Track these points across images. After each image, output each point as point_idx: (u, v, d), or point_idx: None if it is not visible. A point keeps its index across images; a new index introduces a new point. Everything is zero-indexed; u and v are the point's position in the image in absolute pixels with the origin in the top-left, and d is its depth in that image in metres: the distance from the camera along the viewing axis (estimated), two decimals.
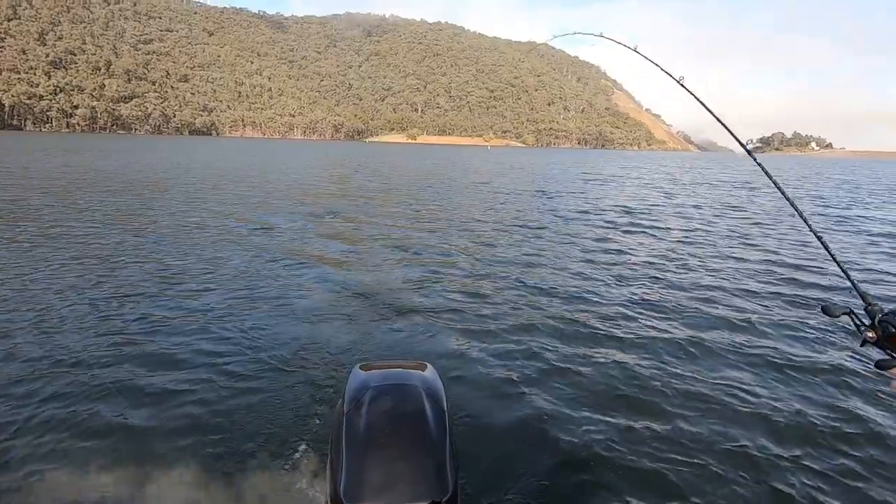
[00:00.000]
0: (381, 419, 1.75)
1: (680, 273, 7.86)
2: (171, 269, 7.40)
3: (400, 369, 2.16)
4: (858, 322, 0.90)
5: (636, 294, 6.88)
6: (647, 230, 12.16)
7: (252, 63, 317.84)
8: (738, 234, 11.80)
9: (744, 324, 5.75)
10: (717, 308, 6.18)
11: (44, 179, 18.52)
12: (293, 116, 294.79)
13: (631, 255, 9.35)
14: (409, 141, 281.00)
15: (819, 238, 0.98)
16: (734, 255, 9.34)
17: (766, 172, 1.04)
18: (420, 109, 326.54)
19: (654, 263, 8.64)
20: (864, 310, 0.89)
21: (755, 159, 1.00)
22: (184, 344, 4.74)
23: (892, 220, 15.28)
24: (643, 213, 15.06)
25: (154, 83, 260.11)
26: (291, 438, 3.19)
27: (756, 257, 9.28)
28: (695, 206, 17.63)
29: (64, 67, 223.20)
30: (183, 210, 12.78)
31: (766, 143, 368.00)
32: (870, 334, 0.85)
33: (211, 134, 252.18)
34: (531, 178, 29.44)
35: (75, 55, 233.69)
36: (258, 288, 6.62)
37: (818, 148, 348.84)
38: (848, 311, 0.87)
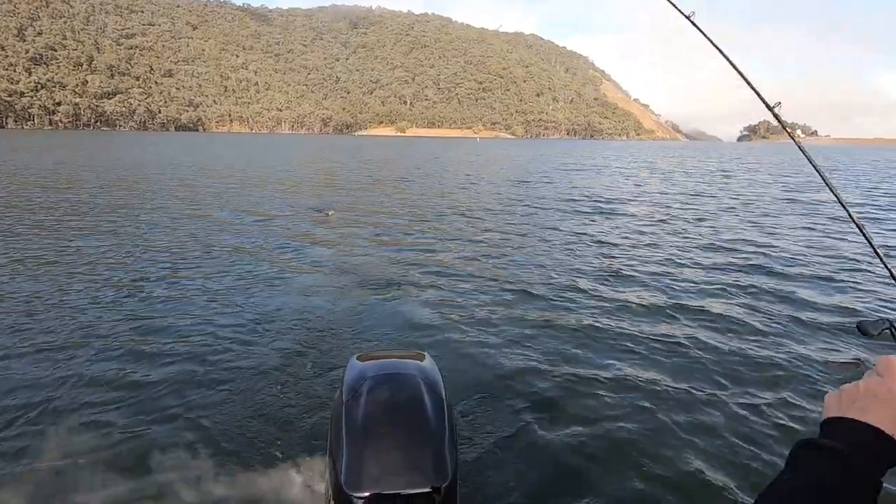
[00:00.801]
0: (380, 408, 1.78)
1: (669, 266, 7.84)
2: (164, 266, 7.43)
3: (397, 359, 2.19)
4: None
5: (624, 281, 7.00)
6: (613, 216, 12.80)
7: (237, 57, 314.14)
8: (692, 219, 12.50)
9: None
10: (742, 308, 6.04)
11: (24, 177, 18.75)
12: (280, 111, 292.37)
13: (610, 241, 9.79)
14: (399, 134, 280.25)
15: (860, 228, 0.87)
16: (692, 236, 10.00)
17: (809, 159, 0.98)
18: (409, 102, 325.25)
19: (638, 249, 9.04)
20: None
21: (802, 150, 1.07)
22: (180, 339, 4.76)
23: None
24: (618, 202, 15.70)
25: (138, 78, 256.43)
26: (291, 430, 3.23)
27: (698, 240, 9.95)
28: (660, 193, 18.36)
29: (45, 63, 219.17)
30: (176, 207, 12.99)
31: (752, 131, 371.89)
32: None
33: (197, 129, 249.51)
34: (515, 170, 30.05)
35: (56, 51, 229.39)
36: (251, 283, 6.63)
37: (804, 135, 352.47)
38: (889, 325, 0.72)
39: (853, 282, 7.06)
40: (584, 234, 10.47)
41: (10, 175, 19.69)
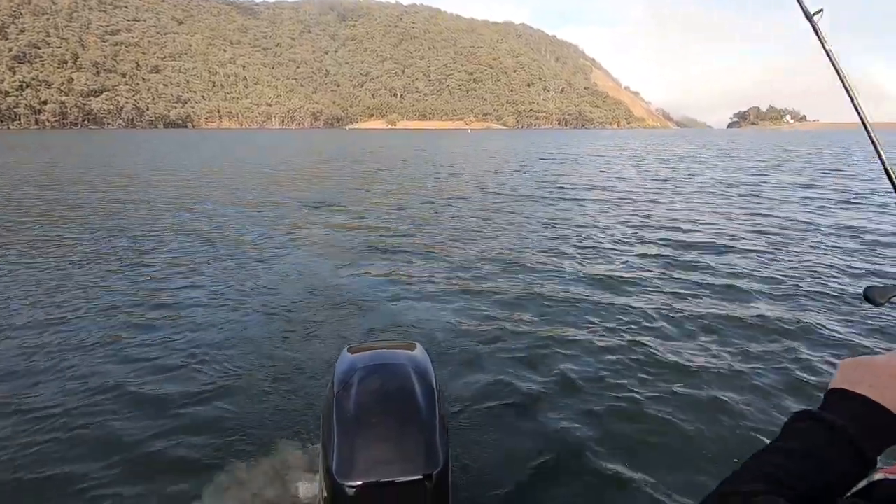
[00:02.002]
0: (371, 398, 1.80)
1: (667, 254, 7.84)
2: (154, 259, 7.55)
3: (388, 350, 2.22)
4: None
5: (608, 265, 7.17)
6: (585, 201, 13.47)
7: (225, 52, 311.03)
8: (646, 201, 13.17)
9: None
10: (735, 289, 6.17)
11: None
12: (270, 105, 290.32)
13: (601, 225, 10.16)
14: (390, 127, 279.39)
15: None
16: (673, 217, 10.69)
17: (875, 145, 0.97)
18: (399, 94, 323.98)
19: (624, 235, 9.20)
20: None
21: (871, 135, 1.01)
22: (170, 334, 4.83)
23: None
24: (609, 189, 16.35)
25: (124, 75, 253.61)
26: (283, 424, 3.27)
27: (645, 220, 10.70)
28: (622, 179, 19.07)
29: (29, 62, 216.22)
30: (163, 201, 13.30)
31: (741, 117, 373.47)
32: None
33: (187, 126, 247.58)
34: (494, 161, 30.68)
35: (39, 49, 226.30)
36: (239, 279, 6.65)
37: (793, 121, 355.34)
38: None
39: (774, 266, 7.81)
40: (561, 218, 11.01)
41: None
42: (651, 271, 6.88)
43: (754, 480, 0.55)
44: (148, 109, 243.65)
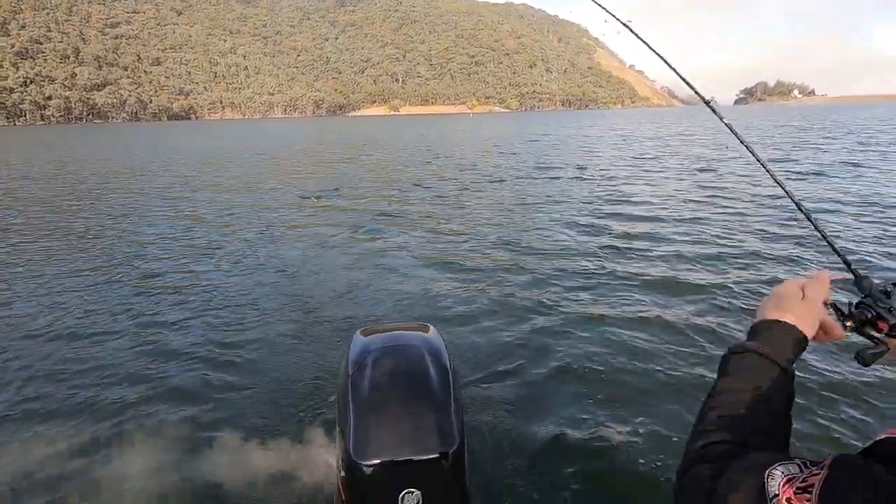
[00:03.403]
0: (385, 379, 1.81)
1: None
2: (169, 246, 7.70)
3: (401, 332, 2.21)
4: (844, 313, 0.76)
5: (612, 246, 7.24)
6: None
7: (225, 41, 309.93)
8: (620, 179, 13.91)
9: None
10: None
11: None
12: (272, 95, 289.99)
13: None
14: (392, 113, 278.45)
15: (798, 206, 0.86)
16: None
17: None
18: (401, 80, 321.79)
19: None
20: (855, 284, 0.77)
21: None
22: (186, 319, 4.89)
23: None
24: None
25: (126, 68, 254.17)
26: (299, 407, 3.30)
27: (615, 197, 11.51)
28: (597, 158, 19.82)
29: (31, 57, 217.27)
30: (178, 195, 13.69)
31: (749, 93, 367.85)
32: (849, 323, 0.73)
33: (190, 118, 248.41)
34: (488, 143, 31.41)
35: (41, 44, 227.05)
36: (255, 263, 6.72)
37: (800, 96, 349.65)
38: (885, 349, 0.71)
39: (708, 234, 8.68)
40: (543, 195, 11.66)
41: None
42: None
43: (726, 426, 0.62)
44: (151, 102, 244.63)
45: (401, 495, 1.56)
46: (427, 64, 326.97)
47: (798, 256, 6.47)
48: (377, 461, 1.58)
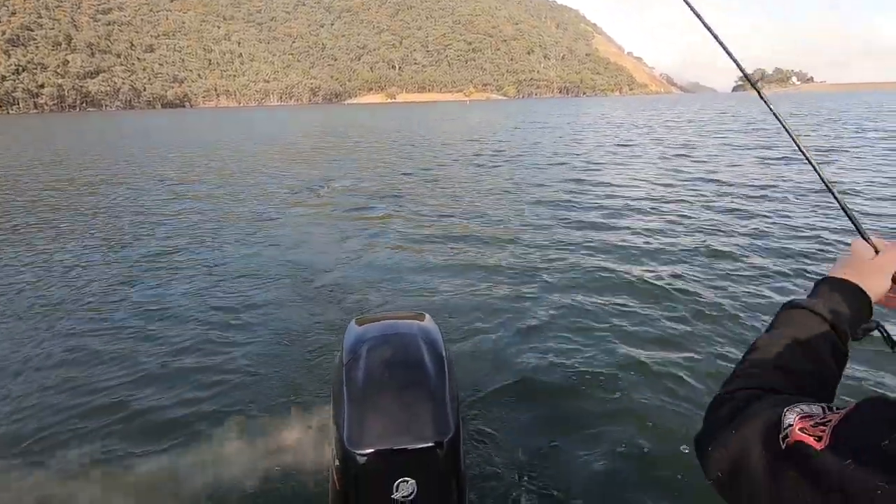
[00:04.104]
0: (380, 368, 1.80)
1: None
2: (166, 237, 7.67)
3: (397, 320, 2.20)
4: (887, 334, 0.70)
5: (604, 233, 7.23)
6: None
7: (219, 28, 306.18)
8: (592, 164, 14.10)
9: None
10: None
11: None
12: (268, 82, 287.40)
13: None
14: (390, 101, 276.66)
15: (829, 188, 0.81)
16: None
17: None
18: (398, 67, 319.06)
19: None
20: None
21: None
22: (179, 307, 4.90)
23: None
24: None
25: (119, 56, 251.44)
26: (294, 397, 3.30)
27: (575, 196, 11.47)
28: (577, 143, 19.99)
29: (23, 45, 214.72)
30: (170, 182, 13.63)
31: (746, 80, 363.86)
32: None
33: (184, 106, 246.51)
34: (472, 132, 31.53)
35: (32, 31, 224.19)
36: (250, 252, 6.71)
37: (799, 83, 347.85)
38: (876, 324, 0.69)
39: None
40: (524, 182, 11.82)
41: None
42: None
43: (759, 371, 0.60)
44: (145, 90, 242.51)
45: (395, 484, 1.55)
46: (424, 51, 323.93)
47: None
48: (372, 450, 1.57)
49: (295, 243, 7.23)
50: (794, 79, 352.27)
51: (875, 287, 0.67)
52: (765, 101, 0.90)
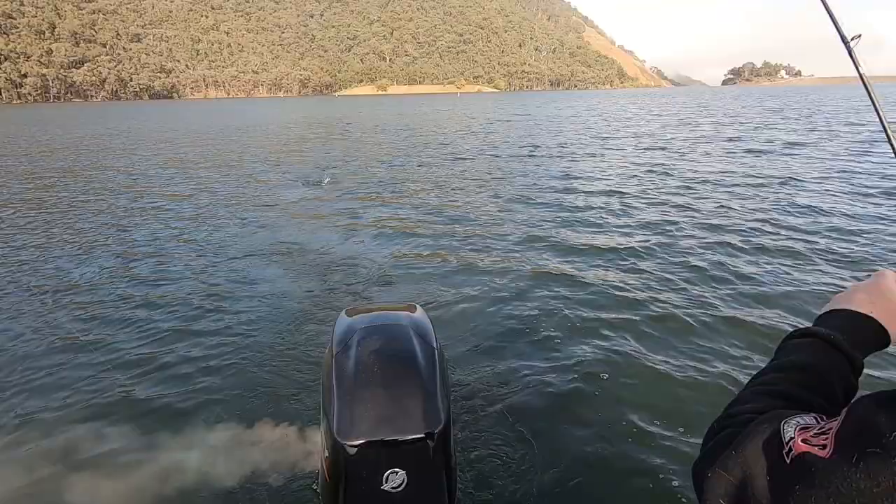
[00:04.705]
0: (370, 358, 1.80)
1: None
2: (157, 228, 7.63)
3: (387, 311, 2.22)
4: None
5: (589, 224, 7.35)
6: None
7: (207, 17, 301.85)
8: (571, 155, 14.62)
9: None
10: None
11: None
12: (257, 73, 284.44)
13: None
14: (380, 93, 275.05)
15: None
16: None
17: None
18: (388, 58, 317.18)
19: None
20: None
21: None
22: (167, 297, 4.89)
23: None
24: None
25: (105, 45, 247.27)
26: (284, 388, 3.31)
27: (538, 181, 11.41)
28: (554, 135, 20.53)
29: (5, 33, 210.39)
30: (168, 169, 13.58)
31: (736, 74, 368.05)
32: None
33: (172, 97, 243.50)
34: (448, 125, 32.00)
35: (14, 18, 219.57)
36: (240, 243, 6.67)
37: (787, 76, 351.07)
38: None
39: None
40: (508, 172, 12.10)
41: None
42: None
43: (764, 397, 0.57)
44: (132, 80, 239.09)
45: (385, 475, 1.56)
46: (415, 42, 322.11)
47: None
48: (361, 441, 1.57)
49: (284, 234, 7.16)
50: (782, 72, 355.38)
51: (893, 319, 0.63)
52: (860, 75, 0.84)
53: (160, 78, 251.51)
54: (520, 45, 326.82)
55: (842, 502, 0.39)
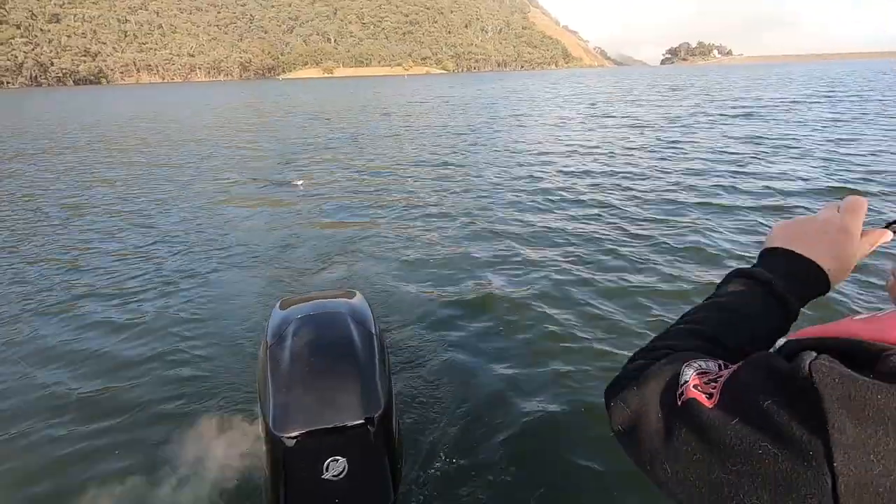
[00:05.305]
0: (305, 348, 1.79)
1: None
2: (86, 217, 7.34)
3: (323, 300, 2.18)
4: None
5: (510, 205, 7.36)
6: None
7: None
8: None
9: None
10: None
11: None
12: (193, 56, 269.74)
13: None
14: (327, 75, 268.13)
15: None
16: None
17: None
18: (333, 39, 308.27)
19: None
20: None
21: None
22: (95, 292, 4.66)
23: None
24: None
25: (18, 26, 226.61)
26: (219, 386, 3.19)
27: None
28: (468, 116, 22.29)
29: None
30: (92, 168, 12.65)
31: (673, 53, 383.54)
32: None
33: (101, 82, 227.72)
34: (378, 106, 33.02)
35: None
36: (172, 238, 6.30)
37: (720, 56, 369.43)
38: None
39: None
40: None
41: None
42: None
43: (687, 336, 0.57)
44: (52, 64, 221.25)
45: (326, 463, 1.55)
46: (359, 23, 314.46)
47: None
48: (299, 432, 1.56)
49: (213, 225, 6.82)
50: (715, 52, 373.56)
51: (831, 257, 0.59)
52: None
53: (85, 62, 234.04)
54: (466, 26, 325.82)
55: (717, 455, 0.40)
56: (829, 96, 24.90)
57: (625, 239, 5.75)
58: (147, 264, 5.49)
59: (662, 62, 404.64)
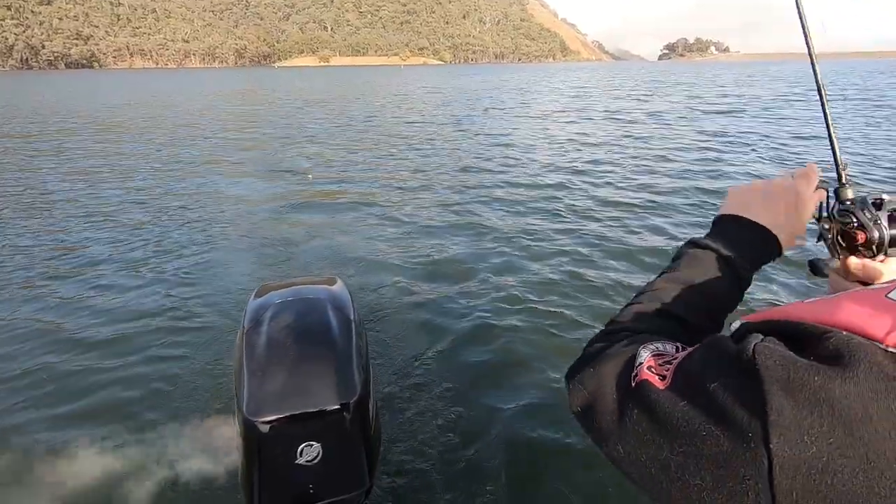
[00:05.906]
0: (282, 334, 1.78)
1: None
2: (67, 205, 7.16)
3: (303, 286, 2.18)
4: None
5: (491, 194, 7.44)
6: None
7: None
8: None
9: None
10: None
11: None
12: (187, 42, 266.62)
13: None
14: (322, 64, 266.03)
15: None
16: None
17: None
18: (330, 28, 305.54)
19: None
20: (835, 192, 0.66)
21: None
22: (81, 289, 4.52)
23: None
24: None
25: (9, 8, 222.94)
26: (198, 372, 3.17)
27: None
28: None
29: None
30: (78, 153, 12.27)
31: (671, 49, 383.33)
32: (827, 225, 0.64)
33: (93, 66, 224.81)
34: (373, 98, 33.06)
35: None
36: (153, 225, 6.25)
37: (717, 52, 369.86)
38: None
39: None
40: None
41: None
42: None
43: (648, 316, 0.57)
44: (44, 48, 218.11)
45: (299, 448, 1.55)
46: (356, 11, 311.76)
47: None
48: (273, 417, 1.55)
49: (195, 211, 6.78)
50: (712, 48, 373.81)
51: (781, 224, 0.62)
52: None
53: (77, 45, 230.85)
54: (464, 17, 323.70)
55: (665, 436, 0.41)
56: (804, 96, 25.33)
57: (608, 228, 5.95)
58: (129, 250, 5.43)
59: (660, 58, 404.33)
